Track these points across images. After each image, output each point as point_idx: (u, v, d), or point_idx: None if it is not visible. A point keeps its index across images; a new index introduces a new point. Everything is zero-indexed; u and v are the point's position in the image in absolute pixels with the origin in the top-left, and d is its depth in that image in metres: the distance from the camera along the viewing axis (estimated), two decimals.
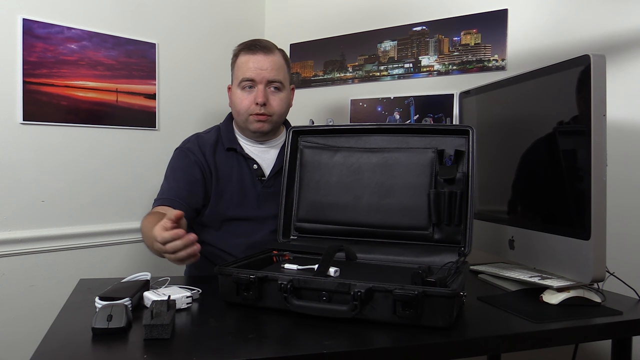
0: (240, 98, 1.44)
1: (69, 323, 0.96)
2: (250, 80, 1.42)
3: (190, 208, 1.40)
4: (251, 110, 1.43)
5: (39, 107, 1.66)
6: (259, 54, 1.43)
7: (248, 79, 1.42)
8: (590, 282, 1.08)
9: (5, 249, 1.60)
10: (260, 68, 1.42)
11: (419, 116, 1.91)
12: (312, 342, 0.88)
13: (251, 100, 1.43)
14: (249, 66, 1.42)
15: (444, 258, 1.16)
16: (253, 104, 1.42)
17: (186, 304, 1.03)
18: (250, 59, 1.43)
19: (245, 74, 1.43)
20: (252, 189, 1.47)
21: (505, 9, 1.73)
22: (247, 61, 1.44)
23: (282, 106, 1.47)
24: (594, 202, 1.03)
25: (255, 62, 1.42)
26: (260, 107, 1.42)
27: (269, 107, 1.43)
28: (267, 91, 1.43)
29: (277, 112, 1.46)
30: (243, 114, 1.45)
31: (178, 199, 1.38)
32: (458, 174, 1.21)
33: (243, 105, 1.44)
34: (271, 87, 1.44)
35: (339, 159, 1.31)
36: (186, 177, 1.43)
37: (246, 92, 1.44)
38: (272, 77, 1.43)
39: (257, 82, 1.42)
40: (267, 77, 1.42)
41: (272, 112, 1.44)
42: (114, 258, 1.86)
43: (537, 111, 1.24)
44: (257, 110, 1.42)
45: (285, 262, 1.20)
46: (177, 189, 1.41)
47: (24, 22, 1.61)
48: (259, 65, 1.42)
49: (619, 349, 1.08)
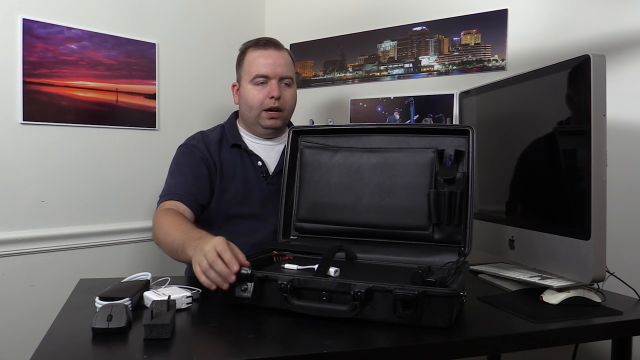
0: (254, 93, 1.45)
1: (69, 323, 0.96)
2: (263, 77, 1.44)
3: (198, 204, 1.41)
4: (265, 105, 1.45)
5: (39, 107, 1.66)
6: (271, 49, 1.46)
7: (262, 74, 1.44)
8: (590, 282, 1.08)
9: (5, 249, 1.60)
10: (274, 64, 1.44)
11: (419, 116, 1.91)
12: (312, 342, 0.88)
13: (265, 94, 1.44)
14: (263, 62, 1.45)
15: (444, 258, 1.16)
16: (267, 99, 1.44)
17: (186, 304, 1.03)
18: (263, 54, 1.45)
19: (259, 70, 1.44)
20: (256, 185, 1.47)
21: (505, 9, 1.73)
22: (258, 57, 1.46)
23: (292, 101, 1.50)
24: (594, 202, 1.03)
25: (268, 57, 1.45)
26: (275, 101, 1.44)
27: (282, 101, 1.46)
28: (280, 86, 1.45)
29: (289, 107, 1.49)
30: (256, 108, 1.46)
31: (187, 194, 1.39)
32: (458, 174, 1.21)
33: (256, 100, 1.45)
34: (283, 82, 1.46)
35: (339, 159, 1.31)
36: (193, 173, 1.43)
37: (259, 87, 1.45)
38: (284, 73, 1.46)
39: (270, 77, 1.44)
40: (279, 72, 1.45)
41: (284, 106, 1.47)
42: (114, 258, 1.85)
43: (537, 111, 1.24)
44: (271, 104, 1.44)
45: (285, 262, 1.20)
46: (186, 184, 1.41)
47: (24, 22, 1.61)
48: (272, 61, 1.44)
49: (619, 349, 1.08)
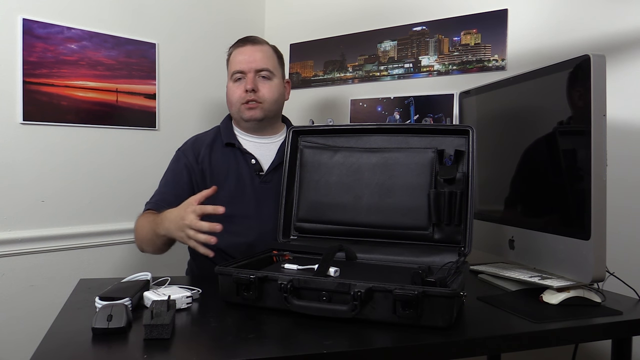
0: (232, 90, 1.49)
1: (69, 323, 0.96)
2: (240, 72, 1.48)
3: None
4: (242, 99, 1.47)
5: (39, 107, 1.66)
6: (248, 45, 1.50)
7: (238, 71, 1.48)
8: (590, 282, 1.08)
9: (5, 249, 1.60)
10: (248, 59, 1.48)
11: (419, 116, 1.91)
12: (312, 342, 0.88)
13: (242, 89, 1.47)
14: (239, 59, 1.49)
15: (444, 258, 1.15)
16: (243, 93, 1.47)
17: (186, 304, 1.03)
18: (240, 52, 1.50)
19: (235, 66, 1.49)
20: (249, 183, 1.47)
21: (505, 9, 1.73)
22: (237, 55, 1.50)
23: (272, 93, 1.49)
24: (594, 202, 1.03)
25: (243, 54, 1.49)
26: (250, 94, 1.46)
27: (259, 94, 1.47)
28: (256, 79, 1.48)
29: (268, 99, 1.48)
30: (235, 104, 1.49)
31: (165, 204, 1.40)
32: (458, 174, 1.21)
33: (235, 96, 1.48)
34: (259, 75, 1.48)
35: (339, 159, 1.31)
36: (175, 181, 1.49)
37: (237, 83, 1.49)
38: (260, 66, 1.48)
39: (246, 72, 1.47)
40: (254, 66, 1.47)
41: (262, 98, 1.48)
42: (114, 258, 1.86)
43: (537, 111, 1.24)
44: (247, 97, 1.46)
45: (285, 262, 1.20)
46: (165, 194, 1.46)
47: (24, 22, 1.61)
48: (246, 57, 1.48)
49: (619, 349, 1.08)
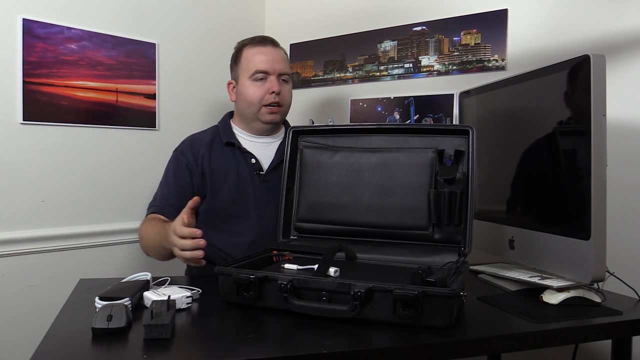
0: (253, 89, 1.46)
1: (69, 323, 0.96)
2: (263, 72, 1.45)
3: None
4: (265, 101, 1.46)
5: (39, 107, 1.66)
6: (269, 46, 1.48)
7: (262, 70, 1.45)
8: (590, 282, 1.08)
9: (5, 249, 1.60)
10: (273, 60, 1.46)
11: (419, 116, 1.91)
12: (312, 342, 0.88)
13: (265, 90, 1.45)
14: (261, 58, 1.46)
15: (444, 258, 1.16)
16: (267, 94, 1.45)
17: (186, 304, 1.03)
18: (261, 51, 1.47)
19: (258, 66, 1.46)
20: (249, 183, 1.47)
21: (505, 9, 1.73)
22: (257, 53, 1.47)
23: (290, 98, 1.53)
24: (594, 202, 1.03)
25: (266, 54, 1.47)
26: (276, 96, 1.45)
27: (282, 97, 1.47)
28: (279, 82, 1.47)
29: (287, 102, 1.51)
30: (256, 104, 1.47)
31: (168, 206, 1.42)
32: (458, 174, 1.21)
33: (256, 95, 1.46)
34: (281, 79, 1.48)
35: (339, 159, 1.31)
36: (176, 182, 1.47)
37: (259, 83, 1.46)
38: (282, 70, 1.48)
39: (270, 73, 1.46)
40: (278, 69, 1.46)
41: (283, 102, 1.49)
42: (114, 258, 1.86)
43: (537, 111, 1.24)
44: (271, 99, 1.45)
45: (285, 262, 1.20)
46: (168, 195, 1.45)
47: (24, 22, 1.61)
48: (271, 57, 1.46)
49: (619, 349, 1.08)
